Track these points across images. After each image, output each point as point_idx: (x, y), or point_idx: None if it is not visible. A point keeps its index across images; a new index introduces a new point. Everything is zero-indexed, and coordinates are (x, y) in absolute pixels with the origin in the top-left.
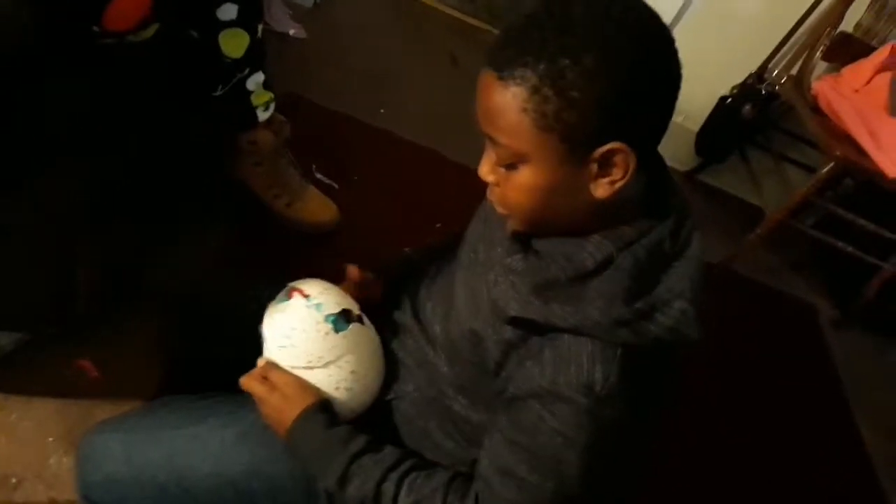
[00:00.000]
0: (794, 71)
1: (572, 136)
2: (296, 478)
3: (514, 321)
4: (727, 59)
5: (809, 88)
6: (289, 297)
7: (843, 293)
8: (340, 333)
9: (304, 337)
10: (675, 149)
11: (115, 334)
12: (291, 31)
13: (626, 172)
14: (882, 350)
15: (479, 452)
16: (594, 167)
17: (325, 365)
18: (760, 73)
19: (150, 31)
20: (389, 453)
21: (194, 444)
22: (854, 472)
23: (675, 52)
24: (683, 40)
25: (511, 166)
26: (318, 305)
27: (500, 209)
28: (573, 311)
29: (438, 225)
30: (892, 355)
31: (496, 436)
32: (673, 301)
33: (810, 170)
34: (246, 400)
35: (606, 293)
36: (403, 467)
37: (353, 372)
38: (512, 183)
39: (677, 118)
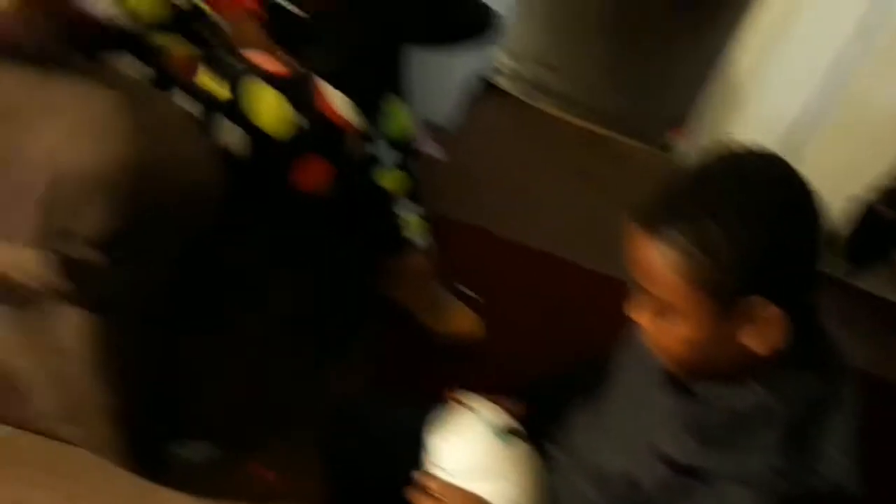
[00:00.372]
0: None
1: (722, 293)
2: None
3: (671, 463)
4: (865, 161)
5: None
6: (455, 408)
7: None
8: (509, 450)
9: (472, 450)
10: (825, 255)
11: (287, 443)
12: (431, 152)
13: (778, 328)
14: None
15: None
16: (743, 320)
17: (495, 479)
18: None
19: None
20: None
21: None
22: None
23: (814, 207)
24: (818, 146)
25: (663, 315)
26: (487, 421)
27: (654, 351)
28: (730, 459)
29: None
30: None
31: None
32: (833, 454)
33: None
34: None
35: (764, 443)
36: None
37: (519, 489)
38: (664, 330)
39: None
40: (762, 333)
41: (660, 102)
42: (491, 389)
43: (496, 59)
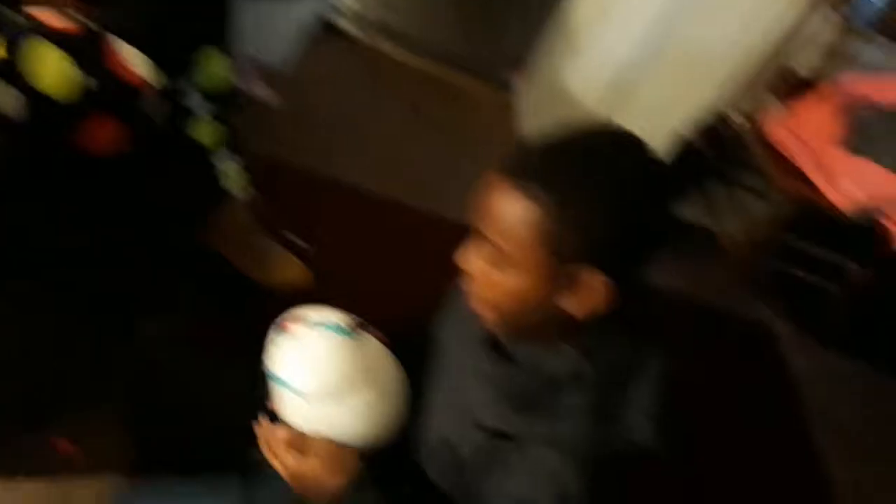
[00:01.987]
0: (750, 111)
1: (563, 256)
2: None
3: (488, 430)
4: (687, 100)
5: (764, 127)
6: (286, 329)
7: (803, 317)
8: (362, 344)
9: (326, 360)
10: None
11: (90, 414)
12: (261, 94)
13: (602, 299)
14: (840, 369)
15: None
16: (576, 287)
17: (359, 390)
18: (719, 113)
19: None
20: None
21: None
22: (814, 492)
23: (670, 196)
24: (646, 84)
25: (498, 265)
26: (329, 323)
27: (474, 301)
28: (544, 425)
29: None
30: (850, 374)
31: None
32: (636, 417)
33: (768, 199)
34: (219, 487)
35: (574, 408)
36: None
37: (383, 389)
38: (496, 281)
39: None
40: (583, 300)
41: (501, 43)
42: None
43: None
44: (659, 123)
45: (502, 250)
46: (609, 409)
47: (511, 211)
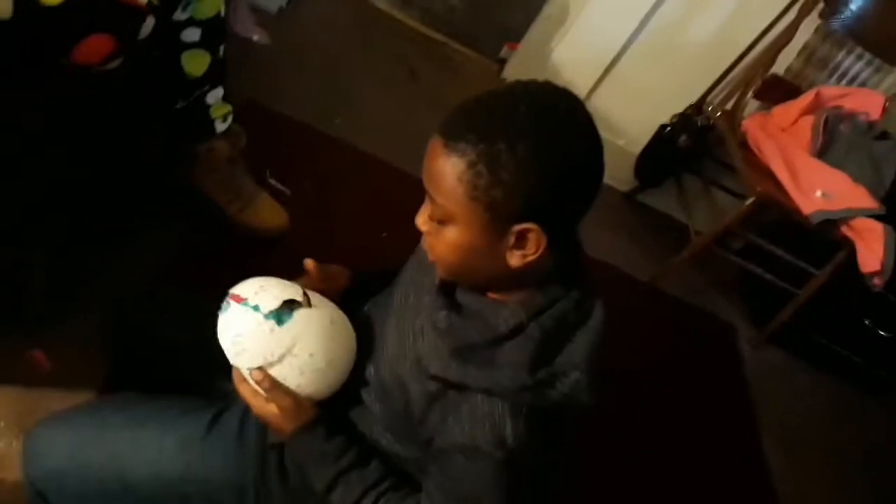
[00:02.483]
0: (728, 106)
1: (496, 210)
2: (229, 486)
3: (435, 378)
4: (669, 89)
5: (740, 124)
6: (227, 304)
7: (761, 315)
8: (285, 326)
9: (251, 340)
10: (616, 170)
11: (65, 329)
12: (255, 37)
13: (537, 249)
14: (792, 369)
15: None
16: (511, 239)
17: (281, 358)
18: (699, 105)
19: (115, 64)
20: (373, 471)
21: (135, 448)
22: (755, 489)
23: (600, 157)
24: (630, 69)
25: (442, 222)
26: (255, 307)
27: (429, 256)
28: (486, 376)
29: (384, 234)
30: (801, 374)
31: (430, 482)
32: (570, 371)
33: (740, 197)
34: (189, 407)
35: (514, 360)
36: (382, 487)
37: (311, 355)
38: (440, 237)
39: (619, 141)
40: (524, 254)
41: (498, 15)
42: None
43: None
44: (640, 108)
45: (442, 207)
46: (545, 362)
47: (443, 169)
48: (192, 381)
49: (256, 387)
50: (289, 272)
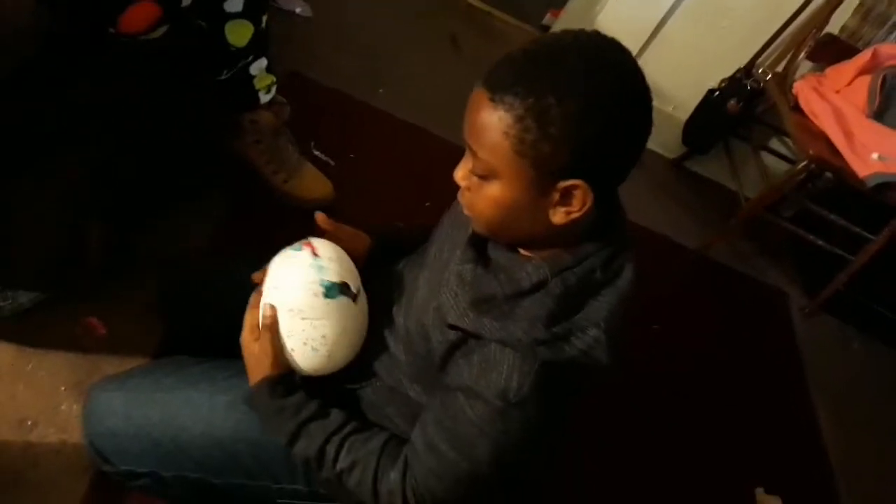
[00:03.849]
0: (779, 69)
1: (543, 165)
2: (276, 445)
3: (452, 327)
4: (717, 53)
5: (791, 87)
6: (302, 248)
7: (813, 283)
8: (327, 300)
9: (294, 287)
10: (663, 137)
11: (120, 296)
12: (298, 10)
13: (582, 206)
14: (845, 338)
15: None
16: (556, 196)
17: (300, 319)
18: (748, 69)
19: (161, 32)
20: (334, 419)
21: (187, 407)
22: (807, 457)
23: (649, 112)
24: (677, 33)
25: (484, 177)
26: (320, 268)
27: (466, 211)
28: (500, 327)
29: (427, 204)
30: (854, 343)
31: (429, 413)
32: (589, 328)
33: (791, 162)
34: (239, 369)
35: (532, 314)
36: (345, 431)
37: (323, 336)
38: (481, 193)
39: (667, 107)
40: (569, 211)
41: None
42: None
43: None
44: (687, 72)
45: (485, 162)
46: (564, 318)
47: (488, 122)
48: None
49: (258, 320)
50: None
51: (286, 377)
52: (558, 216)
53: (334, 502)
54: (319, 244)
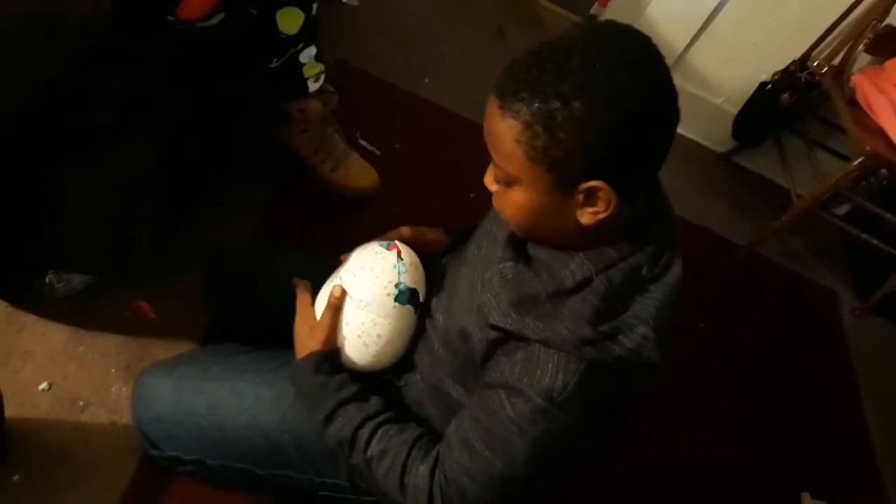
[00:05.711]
0: (835, 61)
1: (558, 169)
2: (318, 432)
3: (494, 328)
4: (770, 44)
5: (849, 80)
6: (389, 248)
7: (865, 283)
8: (395, 303)
9: (371, 282)
10: (712, 130)
11: (169, 282)
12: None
13: (607, 207)
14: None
15: None
16: (579, 198)
17: (368, 313)
18: (803, 61)
19: (217, 19)
20: (373, 404)
21: (233, 397)
22: (856, 462)
23: (669, 102)
24: (728, 24)
25: (507, 183)
26: (401, 272)
27: (500, 214)
28: (544, 327)
29: (472, 195)
30: None
31: (466, 410)
32: (637, 325)
33: (845, 158)
34: (285, 361)
35: (577, 313)
36: (381, 418)
37: (379, 335)
38: (507, 198)
39: (716, 100)
40: (595, 212)
41: None
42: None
43: None
44: (739, 64)
45: (503, 169)
46: (610, 316)
47: (500, 131)
48: (289, 334)
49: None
50: (377, 231)
51: (333, 355)
52: (586, 217)
53: (375, 496)
54: (405, 249)
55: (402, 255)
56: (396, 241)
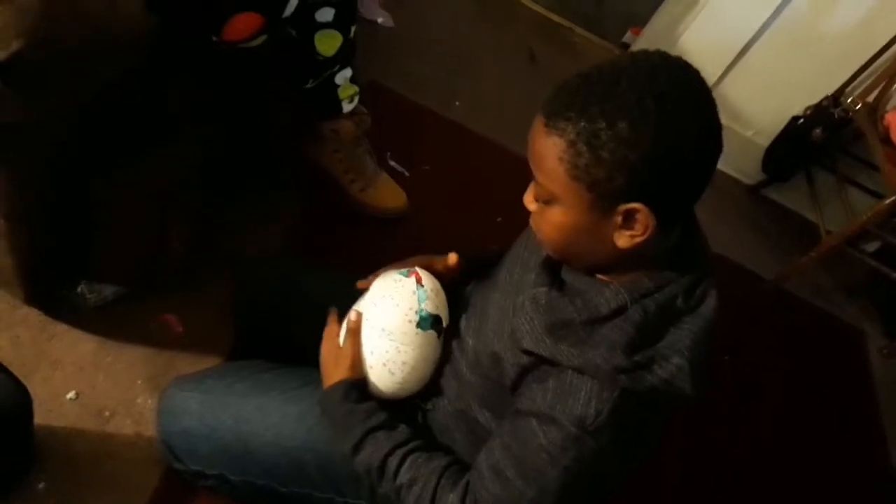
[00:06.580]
0: (870, 98)
1: (599, 189)
2: (343, 457)
3: (527, 352)
4: (804, 79)
5: (882, 118)
6: (409, 275)
7: (893, 322)
8: (417, 329)
9: (390, 310)
10: (742, 163)
11: (196, 296)
12: (380, 20)
13: (645, 231)
14: None
15: None
16: (618, 220)
17: (391, 341)
18: (836, 97)
19: (260, 41)
20: (402, 432)
21: (258, 413)
22: (882, 500)
23: (714, 134)
24: (762, 57)
25: (547, 202)
26: (421, 299)
27: (537, 236)
28: (578, 354)
29: (499, 219)
30: None
31: (496, 439)
32: (672, 356)
33: (876, 195)
34: (311, 380)
35: (611, 341)
36: (410, 446)
37: (404, 363)
38: (545, 217)
39: (747, 132)
40: (633, 235)
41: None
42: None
43: None
44: (771, 98)
45: (545, 187)
46: (645, 347)
47: (544, 148)
48: (315, 353)
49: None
50: (406, 250)
51: (361, 384)
52: (623, 240)
53: None
54: (425, 275)
55: (423, 282)
56: (416, 268)
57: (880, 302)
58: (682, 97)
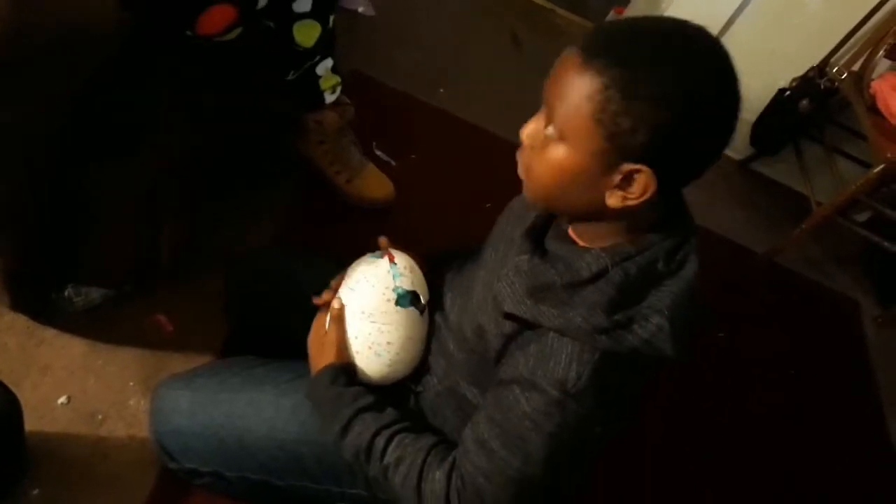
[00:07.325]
0: (855, 67)
1: (616, 139)
2: (334, 443)
3: (508, 316)
4: (789, 51)
5: (868, 86)
6: (381, 256)
7: (887, 291)
8: (398, 307)
9: (369, 291)
10: None
11: (186, 294)
12: (360, 9)
13: (641, 195)
14: None
15: None
16: (617, 177)
17: (372, 322)
18: (821, 68)
19: (235, 34)
20: (389, 413)
21: (251, 408)
22: (878, 473)
23: (736, 116)
24: (746, 30)
25: (552, 138)
26: (396, 275)
27: (522, 175)
28: (558, 314)
29: (488, 205)
30: None
31: (482, 412)
32: (652, 316)
33: (865, 165)
34: (303, 372)
35: (592, 302)
36: (397, 426)
37: (388, 343)
38: (544, 154)
39: None
40: (625, 196)
41: None
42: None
43: None
44: (757, 71)
45: (561, 122)
46: (625, 307)
47: (573, 83)
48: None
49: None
50: (393, 242)
51: (348, 368)
52: (613, 199)
53: None
54: (398, 254)
55: (396, 260)
56: (389, 249)
57: (873, 271)
58: (721, 72)
